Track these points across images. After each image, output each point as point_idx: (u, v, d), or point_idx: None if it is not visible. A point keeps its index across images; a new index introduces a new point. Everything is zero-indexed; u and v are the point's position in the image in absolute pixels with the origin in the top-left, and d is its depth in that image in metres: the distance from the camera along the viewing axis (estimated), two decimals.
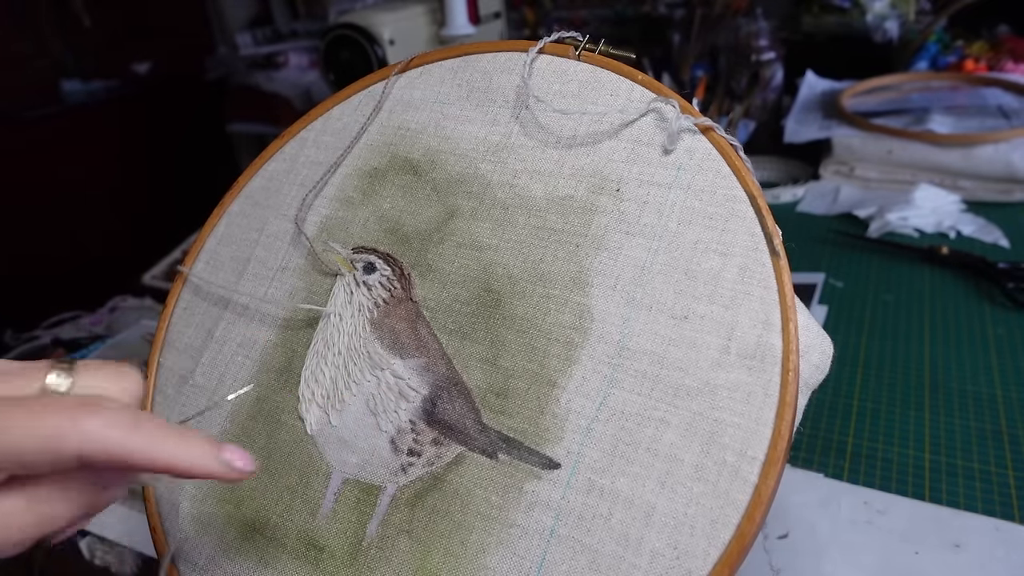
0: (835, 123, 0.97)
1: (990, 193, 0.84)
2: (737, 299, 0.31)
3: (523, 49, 0.39)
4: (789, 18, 1.27)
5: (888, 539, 0.45)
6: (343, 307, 0.38)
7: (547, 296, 0.34)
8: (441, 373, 0.35)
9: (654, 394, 0.30)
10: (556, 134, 0.37)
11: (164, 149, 2.20)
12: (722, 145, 0.33)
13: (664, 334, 0.31)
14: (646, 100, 0.35)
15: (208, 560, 0.35)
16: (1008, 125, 0.87)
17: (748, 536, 0.27)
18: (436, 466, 0.33)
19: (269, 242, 0.41)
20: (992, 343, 0.61)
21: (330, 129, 0.43)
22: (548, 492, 0.31)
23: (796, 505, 0.48)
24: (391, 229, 0.39)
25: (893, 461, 0.51)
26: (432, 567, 0.31)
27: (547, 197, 0.36)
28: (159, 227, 1.45)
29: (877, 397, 0.57)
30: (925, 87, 1.04)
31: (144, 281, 0.96)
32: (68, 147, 1.98)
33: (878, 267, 0.75)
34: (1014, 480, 0.48)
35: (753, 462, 0.28)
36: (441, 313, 0.36)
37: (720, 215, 0.32)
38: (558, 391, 0.32)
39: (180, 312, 0.42)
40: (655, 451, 0.30)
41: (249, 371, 0.39)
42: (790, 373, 0.29)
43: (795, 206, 0.91)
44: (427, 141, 0.40)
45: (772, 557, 0.45)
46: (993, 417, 0.53)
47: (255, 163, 0.44)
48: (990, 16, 1.14)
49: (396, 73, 0.42)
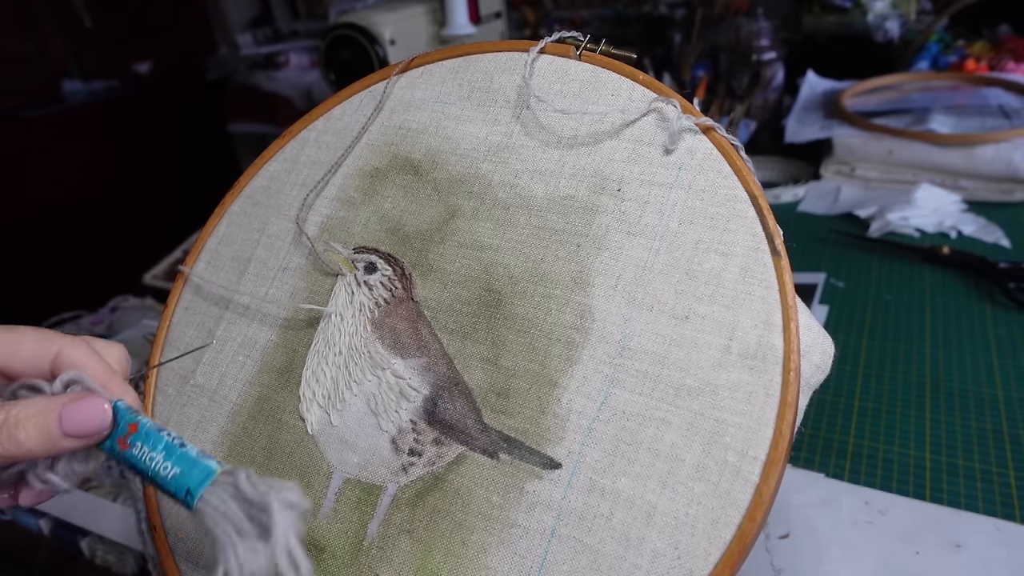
0: (836, 123, 0.97)
1: (991, 193, 0.84)
2: (738, 299, 0.31)
3: (524, 49, 0.39)
4: (790, 18, 1.27)
5: (889, 539, 0.45)
6: (344, 307, 0.38)
7: (548, 296, 0.34)
8: (442, 373, 0.35)
9: (655, 394, 0.30)
10: (557, 134, 0.37)
11: (165, 149, 2.20)
12: (723, 145, 0.33)
13: (665, 334, 0.31)
14: (647, 100, 0.35)
15: (209, 560, 0.35)
16: (1009, 125, 0.87)
17: (749, 536, 0.27)
18: (437, 466, 0.33)
19: (270, 242, 0.41)
20: (993, 343, 0.61)
21: (331, 129, 0.43)
22: (549, 492, 0.31)
23: (797, 505, 0.48)
24: (392, 229, 0.39)
25: (894, 461, 0.51)
26: (433, 567, 0.31)
27: (548, 197, 0.36)
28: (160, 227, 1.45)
29: (878, 397, 0.57)
30: (926, 87, 1.04)
31: (145, 281, 0.96)
32: (68, 147, 1.98)
33: (879, 267, 0.75)
34: (1015, 480, 0.48)
35: (754, 462, 0.28)
36: (442, 313, 0.36)
37: (721, 215, 0.32)
38: (559, 391, 0.32)
39: (181, 312, 0.42)
40: (656, 451, 0.30)
41: (250, 371, 0.39)
42: (791, 373, 0.29)
43: (796, 206, 0.91)
44: (428, 141, 0.40)
45: (773, 557, 0.45)
46: (994, 417, 0.53)
47: (256, 163, 0.44)
48: (991, 16, 1.14)
49: (397, 73, 0.42)
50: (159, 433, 0.29)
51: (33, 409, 0.28)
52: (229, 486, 0.27)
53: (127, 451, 0.29)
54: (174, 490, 0.28)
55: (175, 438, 0.29)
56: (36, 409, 0.28)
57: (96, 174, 2.05)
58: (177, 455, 0.29)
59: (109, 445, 0.30)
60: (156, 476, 0.28)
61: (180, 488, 0.28)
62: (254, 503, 0.26)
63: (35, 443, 0.28)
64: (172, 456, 0.29)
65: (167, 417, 0.39)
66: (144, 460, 0.29)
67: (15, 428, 0.28)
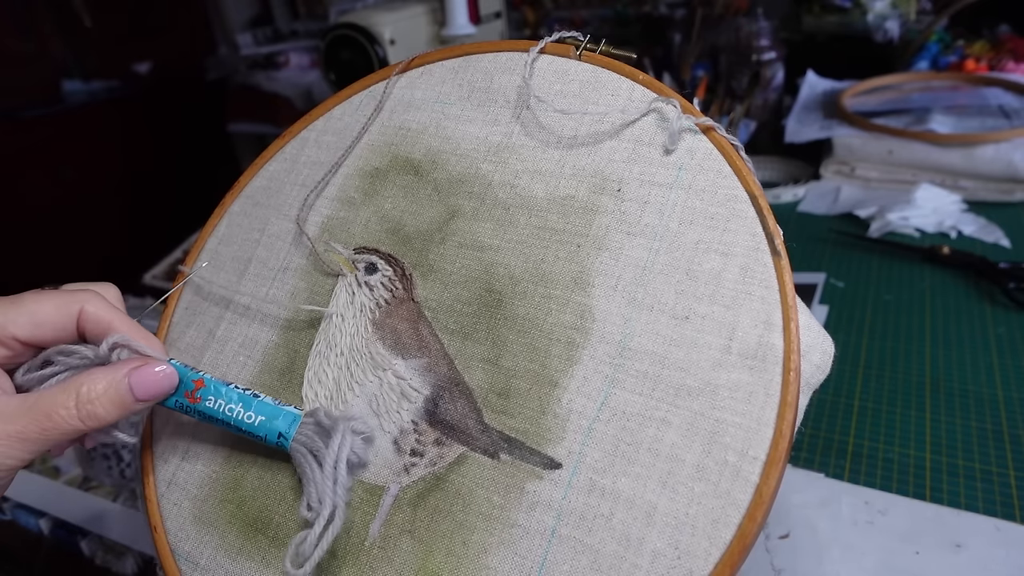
0: (836, 123, 0.97)
1: (991, 193, 0.84)
2: (738, 299, 0.31)
3: (524, 49, 0.39)
4: (790, 18, 1.27)
5: (889, 539, 0.45)
6: (345, 308, 0.38)
7: (548, 296, 0.34)
8: (443, 373, 0.35)
9: (655, 394, 0.30)
10: (557, 134, 0.37)
11: (165, 149, 2.20)
12: (723, 145, 0.33)
13: (665, 334, 0.31)
14: (647, 100, 0.35)
15: (210, 560, 0.35)
16: (1009, 125, 0.87)
17: (749, 536, 0.27)
18: (438, 466, 0.33)
19: (270, 242, 0.41)
20: (993, 343, 0.61)
21: (331, 129, 0.43)
22: (550, 492, 0.31)
23: (797, 505, 0.48)
24: (392, 229, 0.39)
25: (894, 461, 0.51)
26: (434, 567, 0.31)
27: (548, 197, 0.36)
28: (159, 227, 1.45)
29: (878, 397, 0.57)
30: (926, 87, 1.04)
31: (145, 281, 0.96)
32: (68, 147, 1.98)
33: (879, 267, 0.75)
34: (1015, 480, 0.48)
35: (754, 462, 0.28)
36: (443, 313, 0.36)
37: (721, 215, 0.32)
38: (559, 391, 0.32)
39: (182, 312, 0.42)
40: (656, 451, 0.30)
41: (251, 371, 0.39)
42: (791, 373, 0.29)
43: (796, 206, 0.91)
44: (428, 141, 0.40)
45: (773, 557, 0.45)
46: (994, 417, 0.53)
47: (256, 163, 0.44)
48: (991, 16, 1.14)
49: (397, 73, 0.42)
50: (228, 386, 0.33)
51: (101, 385, 0.30)
52: (311, 424, 0.32)
53: (198, 405, 0.32)
54: (264, 435, 0.32)
55: (245, 390, 0.33)
56: (104, 384, 0.30)
57: (96, 174, 2.05)
58: (256, 405, 0.32)
59: (175, 401, 0.33)
60: (241, 424, 0.32)
61: (272, 432, 0.32)
62: (328, 431, 0.31)
63: (113, 416, 0.31)
64: (251, 406, 0.32)
65: (168, 416, 0.39)
66: (222, 411, 0.32)
67: (92, 405, 0.30)
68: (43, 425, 0.29)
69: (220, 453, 0.37)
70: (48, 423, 0.29)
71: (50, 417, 0.29)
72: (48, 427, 0.29)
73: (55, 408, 0.30)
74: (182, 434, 0.38)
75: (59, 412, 0.29)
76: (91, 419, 0.30)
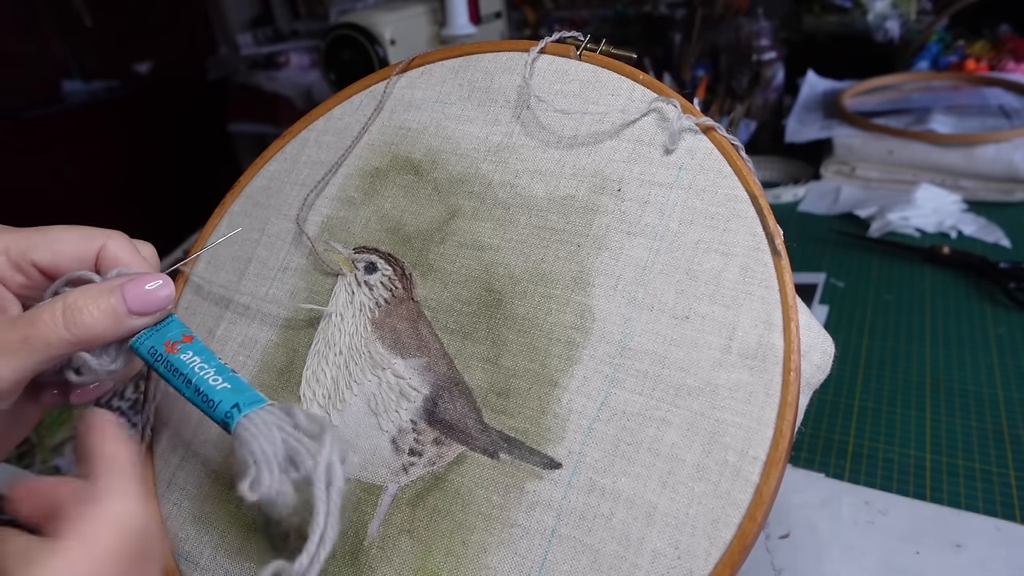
0: (836, 123, 0.97)
1: (991, 193, 0.84)
2: (739, 299, 0.31)
3: (524, 49, 0.39)
4: (790, 18, 1.27)
5: (889, 539, 0.45)
6: (344, 307, 0.38)
7: (548, 296, 0.34)
8: (442, 373, 0.35)
9: (655, 394, 0.30)
10: (557, 134, 0.37)
11: (165, 149, 2.20)
12: (723, 145, 0.33)
13: (665, 334, 0.31)
14: (647, 100, 0.35)
15: (210, 560, 0.35)
16: (1009, 125, 0.87)
17: (750, 536, 0.27)
18: (437, 466, 0.33)
19: (270, 242, 0.41)
20: (993, 343, 0.61)
21: (331, 129, 0.43)
22: (549, 492, 0.31)
23: (797, 505, 0.48)
24: (392, 229, 0.39)
25: (894, 461, 0.51)
26: (433, 567, 0.31)
27: (548, 197, 0.36)
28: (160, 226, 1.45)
29: (878, 397, 0.57)
30: (926, 87, 1.04)
31: None
32: (68, 147, 1.98)
33: (879, 267, 0.75)
34: (1015, 480, 0.48)
35: (755, 462, 0.28)
36: (442, 313, 0.36)
37: (721, 215, 0.32)
38: (559, 391, 0.32)
39: (182, 311, 0.42)
40: (656, 451, 0.30)
41: (250, 371, 0.39)
42: (791, 373, 0.29)
43: (796, 206, 0.91)
44: (428, 141, 0.40)
45: (774, 557, 0.45)
46: (994, 417, 0.53)
47: (256, 163, 0.44)
48: (991, 16, 1.14)
49: (397, 73, 0.42)
50: (212, 353, 0.30)
51: (91, 293, 0.28)
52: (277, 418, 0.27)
53: (172, 355, 0.29)
54: (219, 400, 0.28)
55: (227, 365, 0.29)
56: (95, 292, 0.28)
57: (96, 174, 2.05)
58: (229, 375, 0.29)
59: (150, 348, 0.29)
60: (202, 383, 0.28)
61: (227, 400, 0.28)
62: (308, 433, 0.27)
63: (102, 325, 0.27)
64: (224, 374, 0.29)
65: (169, 415, 0.39)
66: (192, 367, 0.29)
67: (80, 313, 0.27)
68: (25, 332, 0.26)
69: (220, 453, 0.37)
70: (30, 329, 0.26)
71: (33, 323, 0.27)
72: (31, 334, 0.26)
73: (39, 314, 0.27)
74: (182, 435, 0.38)
75: (43, 317, 0.27)
76: (77, 326, 0.27)
